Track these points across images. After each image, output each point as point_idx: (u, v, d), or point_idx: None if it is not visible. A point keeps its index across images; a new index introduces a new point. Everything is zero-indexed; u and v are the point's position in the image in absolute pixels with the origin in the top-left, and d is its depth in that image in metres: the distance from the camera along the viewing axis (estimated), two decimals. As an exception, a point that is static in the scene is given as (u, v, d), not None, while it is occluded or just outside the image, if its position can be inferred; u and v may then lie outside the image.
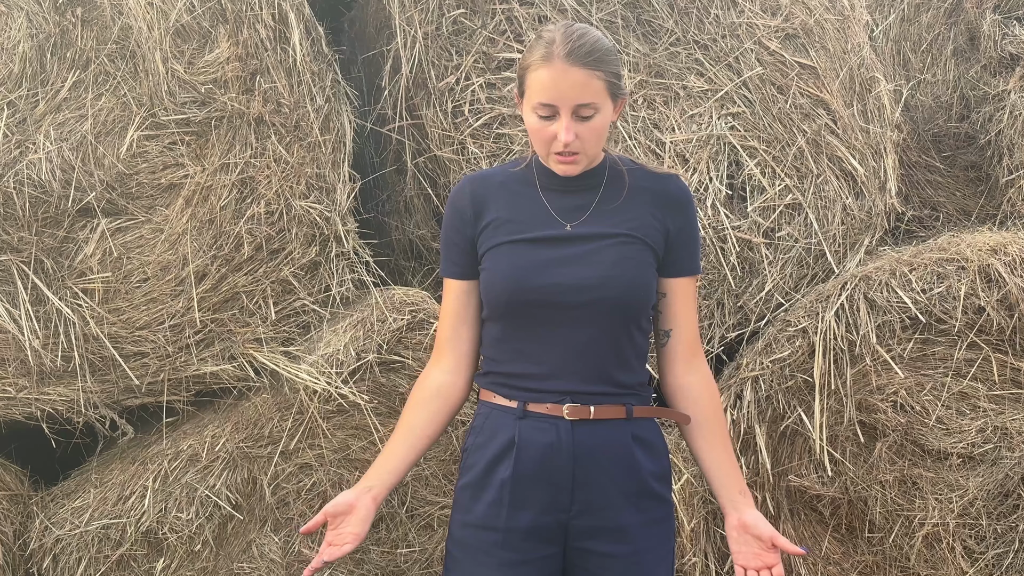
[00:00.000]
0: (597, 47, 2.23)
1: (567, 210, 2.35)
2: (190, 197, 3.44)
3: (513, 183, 2.39)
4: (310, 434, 3.40)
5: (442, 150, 3.58)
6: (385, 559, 3.51)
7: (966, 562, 3.55)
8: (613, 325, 2.30)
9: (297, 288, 3.50)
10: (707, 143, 3.69)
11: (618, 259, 2.30)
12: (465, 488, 2.37)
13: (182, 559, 3.39)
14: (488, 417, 2.37)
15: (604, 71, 2.23)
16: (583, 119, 2.24)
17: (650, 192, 2.37)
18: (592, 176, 2.36)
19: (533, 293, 2.27)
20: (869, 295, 3.43)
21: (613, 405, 2.31)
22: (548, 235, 2.32)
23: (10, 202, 3.35)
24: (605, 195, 2.36)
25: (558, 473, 2.29)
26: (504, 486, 2.30)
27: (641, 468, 2.32)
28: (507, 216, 2.35)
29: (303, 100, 3.49)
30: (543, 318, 2.29)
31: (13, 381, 3.37)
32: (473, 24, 3.62)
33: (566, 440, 2.29)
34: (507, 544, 2.30)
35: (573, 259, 2.29)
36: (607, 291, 2.27)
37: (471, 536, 2.34)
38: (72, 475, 3.55)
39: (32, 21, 3.40)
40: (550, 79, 2.22)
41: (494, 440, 2.33)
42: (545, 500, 2.30)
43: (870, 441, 3.50)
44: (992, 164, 4.11)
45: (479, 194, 2.38)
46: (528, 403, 2.31)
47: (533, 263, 2.29)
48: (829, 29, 3.79)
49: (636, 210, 2.35)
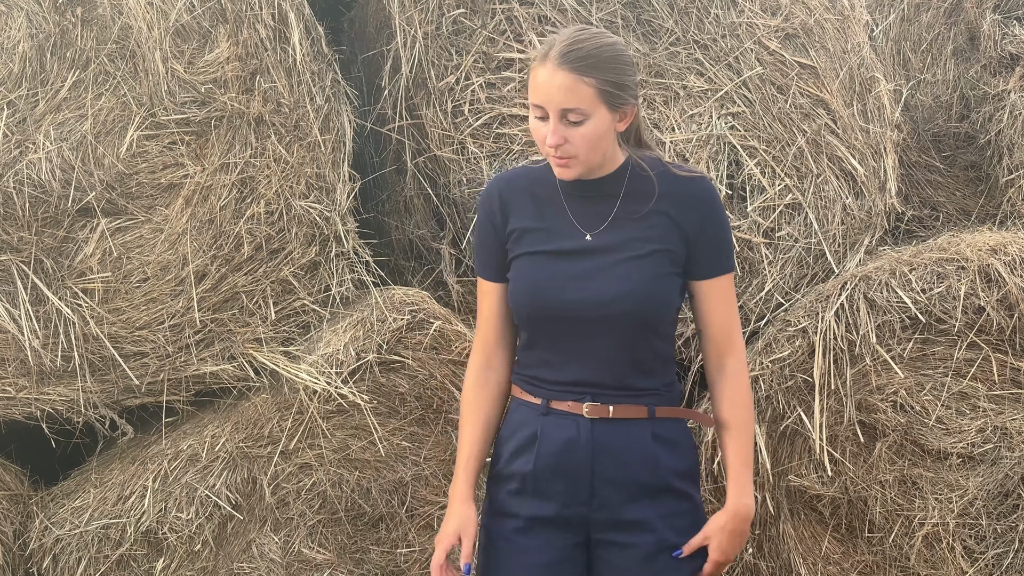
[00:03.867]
0: (595, 53, 2.21)
1: (588, 217, 2.35)
2: (190, 197, 3.44)
3: (537, 187, 2.40)
4: (310, 434, 3.40)
5: (442, 150, 3.58)
6: (385, 559, 3.51)
7: (966, 562, 3.55)
8: (631, 337, 2.32)
9: (297, 288, 3.50)
10: (707, 143, 3.69)
11: (635, 273, 2.31)
12: (492, 478, 2.45)
13: (182, 559, 3.39)
14: (516, 411, 2.43)
15: (597, 78, 2.20)
16: (572, 124, 2.23)
17: (673, 196, 2.36)
18: (612, 181, 2.36)
19: (551, 309, 2.31)
20: (869, 295, 3.43)
21: (633, 405, 2.35)
22: (567, 248, 2.34)
23: (10, 202, 3.35)
24: (627, 202, 2.35)
25: (577, 468, 2.33)
26: (526, 478, 2.36)
27: (662, 465, 2.35)
28: (530, 224, 2.37)
29: (303, 100, 3.49)
30: (562, 331, 2.33)
31: (13, 381, 3.37)
32: (473, 24, 3.62)
33: (585, 437, 2.33)
34: (529, 531, 2.36)
35: (591, 274, 2.31)
36: (623, 306, 2.29)
37: (495, 524, 2.41)
38: (72, 475, 3.55)
39: (32, 21, 3.40)
40: (540, 80, 2.23)
41: (518, 433, 2.39)
42: (565, 493, 2.34)
43: (870, 441, 3.50)
44: (992, 164, 4.11)
45: (506, 199, 2.40)
46: (551, 400, 2.36)
47: (552, 278, 2.33)
48: (829, 29, 3.79)
49: (657, 217, 2.34)
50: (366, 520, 3.49)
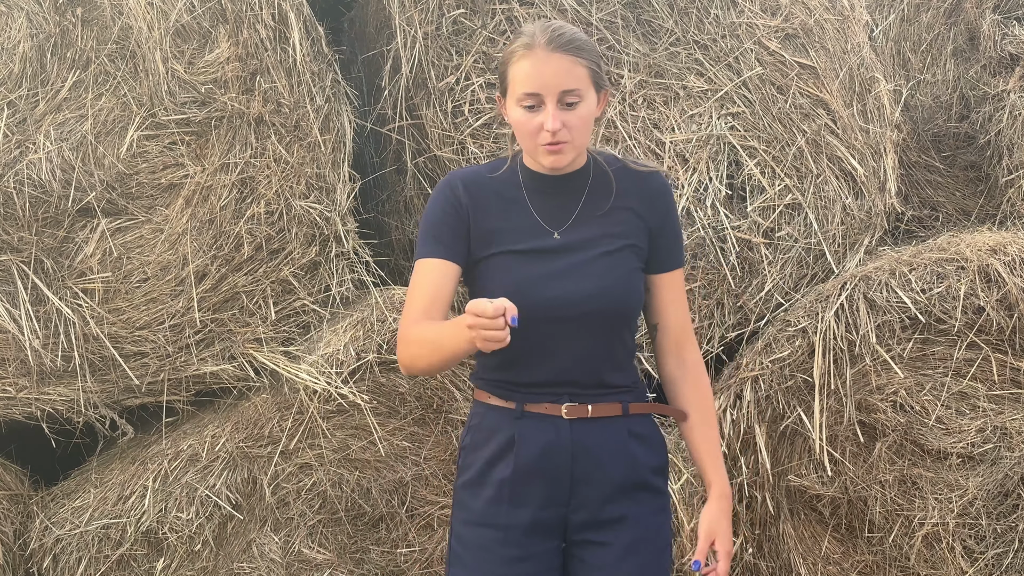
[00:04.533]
0: (577, 37, 2.25)
1: (553, 215, 2.34)
2: (190, 197, 3.45)
3: (498, 186, 2.38)
4: (310, 434, 3.40)
5: (442, 150, 3.58)
6: (385, 559, 3.51)
7: (966, 562, 3.55)
8: (606, 333, 2.32)
9: (297, 288, 3.51)
10: (707, 143, 3.69)
11: (608, 269, 2.31)
12: (464, 487, 2.39)
13: (182, 559, 3.39)
14: (485, 417, 2.38)
15: (587, 59, 2.24)
16: (568, 106, 2.23)
17: (633, 192, 2.37)
18: (577, 177, 2.36)
19: (526, 310, 2.24)
20: (869, 295, 3.43)
21: (609, 403, 2.34)
22: (537, 247, 2.32)
23: (10, 202, 3.35)
24: (590, 198, 2.36)
25: (557, 471, 2.31)
26: (504, 484, 2.32)
27: (638, 462, 2.35)
28: (497, 226, 2.34)
29: (303, 100, 3.49)
30: (537, 331, 2.29)
31: (13, 381, 3.37)
32: (473, 24, 3.62)
33: (565, 439, 2.31)
34: (508, 541, 2.31)
35: (564, 272, 2.30)
36: (599, 303, 2.29)
37: (472, 534, 2.35)
38: (72, 475, 3.55)
39: (32, 21, 3.40)
40: (533, 67, 2.22)
41: (492, 439, 2.35)
42: (544, 496, 2.32)
43: (870, 441, 3.50)
44: (992, 164, 4.11)
45: (472, 194, 2.36)
46: (526, 403, 2.33)
47: (525, 278, 2.30)
48: (829, 29, 3.79)
49: (622, 213, 2.35)
50: (366, 520, 3.49)
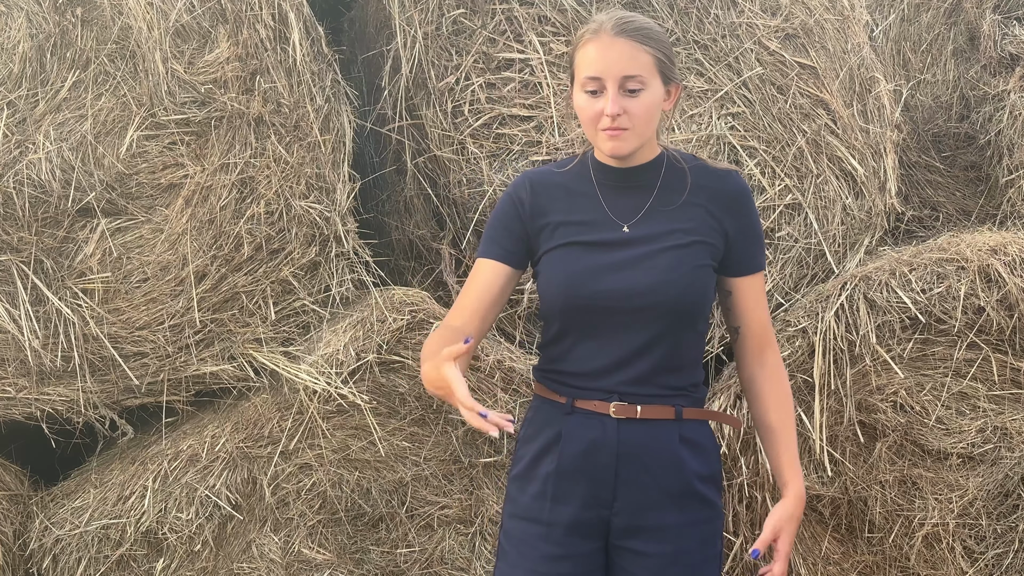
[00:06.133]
0: (647, 26, 2.26)
1: (624, 209, 2.34)
2: (190, 197, 3.45)
3: (569, 181, 2.39)
4: (310, 434, 3.40)
5: (442, 150, 3.58)
6: (385, 559, 3.51)
7: (966, 562, 3.55)
8: (666, 329, 2.30)
9: (297, 288, 3.51)
10: (707, 143, 3.69)
11: (673, 263, 2.30)
12: (514, 479, 2.41)
13: (182, 559, 3.39)
14: (539, 410, 2.40)
15: (653, 47, 2.24)
16: (630, 93, 2.23)
17: (708, 190, 2.36)
18: (648, 172, 2.36)
19: (586, 299, 2.28)
20: (869, 295, 3.43)
21: (661, 406, 2.32)
22: (604, 239, 2.32)
23: (10, 202, 3.35)
24: (662, 193, 2.35)
25: (601, 470, 2.30)
26: (548, 479, 2.33)
27: (686, 469, 2.32)
28: (565, 218, 2.35)
29: (303, 100, 3.49)
30: (596, 322, 2.30)
31: (13, 381, 3.37)
32: (473, 24, 3.62)
33: (611, 437, 2.30)
34: (550, 538, 2.32)
35: (628, 264, 2.29)
36: (660, 296, 2.28)
37: (517, 528, 2.37)
38: (72, 475, 3.55)
39: (32, 21, 3.40)
40: (597, 52, 2.23)
41: (542, 433, 2.36)
42: (587, 495, 2.31)
43: (870, 441, 3.50)
44: (992, 164, 4.11)
45: (539, 192, 2.38)
46: (576, 399, 2.33)
47: (588, 268, 2.30)
48: (829, 29, 3.79)
49: (694, 210, 2.34)
50: (366, 520, 3.49)
